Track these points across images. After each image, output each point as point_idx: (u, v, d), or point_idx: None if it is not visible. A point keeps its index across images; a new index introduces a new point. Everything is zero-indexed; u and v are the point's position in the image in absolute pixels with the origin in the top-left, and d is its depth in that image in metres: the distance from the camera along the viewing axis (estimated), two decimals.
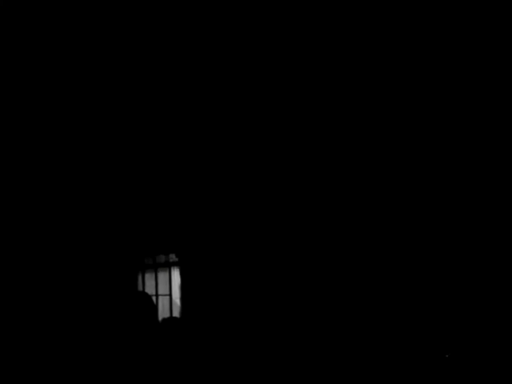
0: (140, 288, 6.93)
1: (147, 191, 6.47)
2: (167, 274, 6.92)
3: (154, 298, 5.66)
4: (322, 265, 5.27)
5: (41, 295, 6.40)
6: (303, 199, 5.46)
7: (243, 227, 5.80)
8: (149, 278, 7.03)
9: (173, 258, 6.75)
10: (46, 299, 6.40)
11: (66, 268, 6.54)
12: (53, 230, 6.61)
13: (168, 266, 6.91)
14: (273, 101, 5.53)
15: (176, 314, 6.64)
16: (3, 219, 6.46)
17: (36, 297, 6.40)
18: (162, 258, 6.95)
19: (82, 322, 6.16)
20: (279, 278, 5.49)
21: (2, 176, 6.36)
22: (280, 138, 5.59)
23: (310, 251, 5.36)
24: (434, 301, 4.75)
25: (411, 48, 4.86)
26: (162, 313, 6.57)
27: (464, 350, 4.50)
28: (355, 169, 5.24)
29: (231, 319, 5.66)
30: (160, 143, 6.28)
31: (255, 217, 5.74)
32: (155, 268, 7.00)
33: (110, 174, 6.61)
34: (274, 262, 5.55)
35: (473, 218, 4.69)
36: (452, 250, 4.76)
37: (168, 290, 6.88)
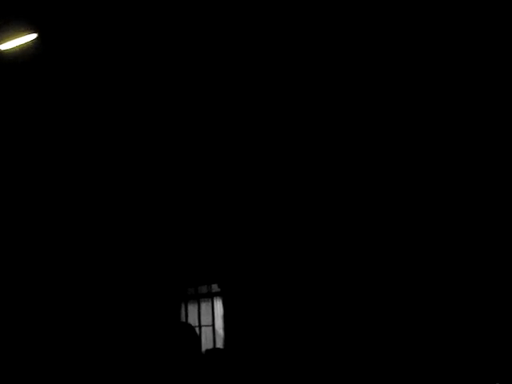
0: (183, 319, 6.92)
1: (190, 223, 6.53)
2: (210, 304, 6.90)
3: (196, 329, 5.64)
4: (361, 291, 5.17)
5: (90, 323, 6.51)
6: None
7: (285, 258, 5.75)
8: (191, 309, 7.03)
9: (215, 288, 6.73)
10: (94, 328, 6.50)
11: (111, 299, 6.63)
12: (100, 262, 6.75)
13: (210, 296, 6.89)
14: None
15: (219, 344, 6.59)
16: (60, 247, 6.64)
17: (87, 325, 6.51)
18: (204, 289, 6.94)
19: (125, 352, 6.19)
20: (322, 308, 5.39)
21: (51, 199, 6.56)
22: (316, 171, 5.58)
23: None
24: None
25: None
26: (206, 344, 6.53)
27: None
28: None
29: (276, 350, 5.57)
30: (203, 177, 6.37)
31: (298, 247, 5.69)
32: (198, 298, 6.99)
33: (154, 207, 6.71)
34: (317, 290, 5.46)
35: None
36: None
37: (211, 320, 6.85)
